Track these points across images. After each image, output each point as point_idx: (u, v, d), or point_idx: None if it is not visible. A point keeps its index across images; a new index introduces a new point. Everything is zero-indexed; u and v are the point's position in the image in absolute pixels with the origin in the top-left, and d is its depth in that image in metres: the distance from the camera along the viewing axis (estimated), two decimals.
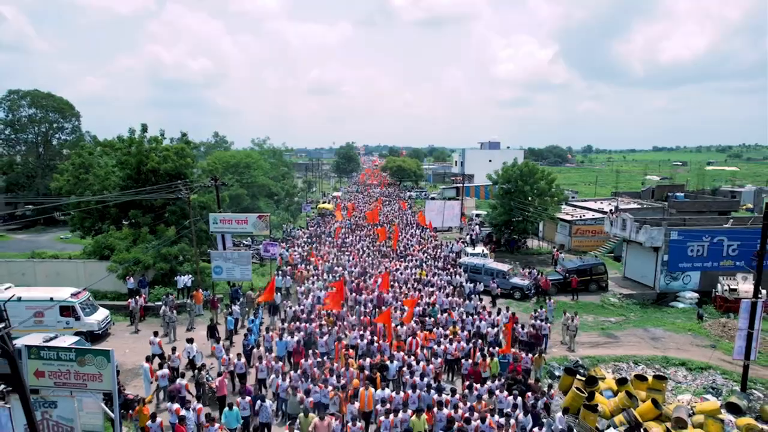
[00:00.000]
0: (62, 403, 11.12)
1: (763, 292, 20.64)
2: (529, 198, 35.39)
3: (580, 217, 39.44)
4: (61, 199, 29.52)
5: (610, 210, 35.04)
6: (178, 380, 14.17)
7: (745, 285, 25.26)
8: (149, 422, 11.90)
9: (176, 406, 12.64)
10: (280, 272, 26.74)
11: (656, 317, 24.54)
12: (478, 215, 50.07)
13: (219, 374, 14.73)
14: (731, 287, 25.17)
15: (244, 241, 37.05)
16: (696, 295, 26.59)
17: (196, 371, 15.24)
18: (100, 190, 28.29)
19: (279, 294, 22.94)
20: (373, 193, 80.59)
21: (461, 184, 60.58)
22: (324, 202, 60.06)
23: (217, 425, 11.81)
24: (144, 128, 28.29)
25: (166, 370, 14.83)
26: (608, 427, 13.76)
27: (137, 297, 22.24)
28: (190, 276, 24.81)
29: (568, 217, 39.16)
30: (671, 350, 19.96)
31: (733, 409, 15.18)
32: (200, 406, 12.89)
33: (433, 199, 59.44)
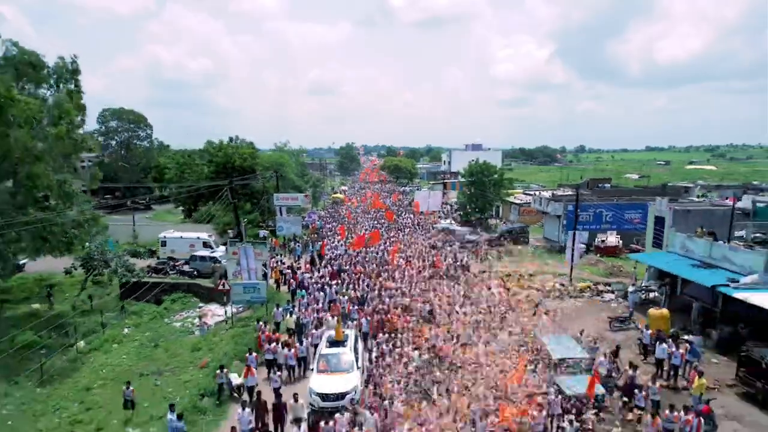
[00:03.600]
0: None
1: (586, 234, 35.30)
2: (486, 187, 50.27)
3: (527, 201, 54.32)
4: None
5: (534, 192, 49.96)
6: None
7: (611, 238, 40.20)
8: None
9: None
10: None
11: (554, 257, 39.35)
12: (455, 202, 65.06)
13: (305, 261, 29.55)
14: (602, 240, 40.06)
15: None
16: (584, 246, 41.33)
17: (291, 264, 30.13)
18: (197, 180, 43.07)
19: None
20: (373, 188, 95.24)
21: (445, 181, 75.55)
22: (335, 194, 75.26)
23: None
24: (231, 139, 43.20)
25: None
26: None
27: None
28: (265, 231, 39.59)
29: (519, 201, 54.06)
30: (549, 267, 34.84)
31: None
32: (297, 273, 27.68)
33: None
